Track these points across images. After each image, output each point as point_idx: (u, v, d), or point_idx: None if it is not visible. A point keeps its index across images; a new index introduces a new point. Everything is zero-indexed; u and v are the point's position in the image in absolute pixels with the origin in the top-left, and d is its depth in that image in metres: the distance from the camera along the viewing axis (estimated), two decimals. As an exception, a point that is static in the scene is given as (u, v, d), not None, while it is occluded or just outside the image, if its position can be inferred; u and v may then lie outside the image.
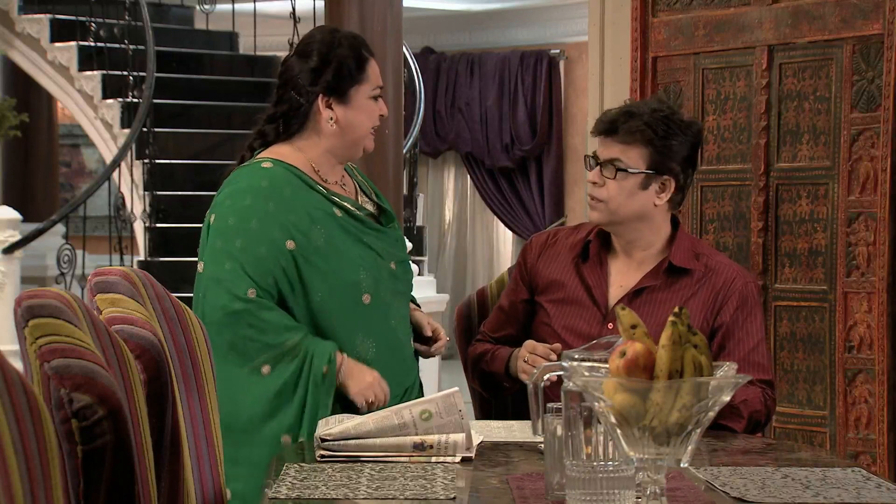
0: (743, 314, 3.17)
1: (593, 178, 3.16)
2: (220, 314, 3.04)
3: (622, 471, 2.08)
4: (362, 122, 3.20)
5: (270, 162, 3.16)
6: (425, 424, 2.63)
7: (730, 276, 3.20)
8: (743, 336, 3.17)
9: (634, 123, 3.12)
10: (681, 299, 3.15)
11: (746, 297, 3.19)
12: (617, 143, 3.14)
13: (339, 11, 6.28)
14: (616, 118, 3.15)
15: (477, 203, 11.92)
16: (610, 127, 3.14)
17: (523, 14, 11.31)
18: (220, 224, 3.12)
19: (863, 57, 4.11)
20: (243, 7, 9.61)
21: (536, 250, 3.34)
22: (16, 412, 1.66)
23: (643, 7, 4.61)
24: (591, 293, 3.21)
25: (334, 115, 3.18)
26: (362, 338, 3.13)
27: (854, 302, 4.12)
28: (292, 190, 3.12)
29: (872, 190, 4.08)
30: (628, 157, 3.13)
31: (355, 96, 3.18)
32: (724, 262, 3.25)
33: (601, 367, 2.00)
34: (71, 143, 13.13)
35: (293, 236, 3.09)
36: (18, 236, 7.47)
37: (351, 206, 3.19)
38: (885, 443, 4.05)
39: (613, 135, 3.14)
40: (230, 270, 3.06)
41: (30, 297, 2.07)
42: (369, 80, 3.20)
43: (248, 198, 3.11)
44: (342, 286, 3.10)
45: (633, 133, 3.12)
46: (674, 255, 3.19)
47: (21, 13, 9.08)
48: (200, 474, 2.63)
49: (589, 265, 3.24)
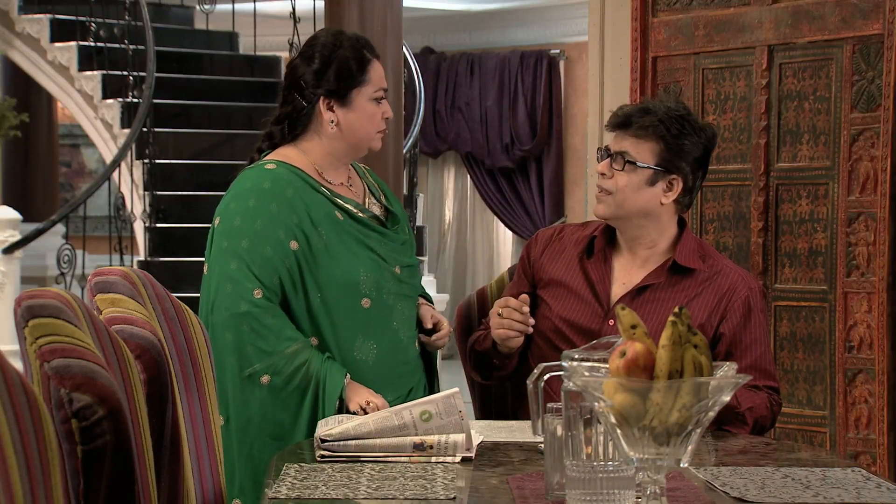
0: (750, 321, 3.17)
1: (602, 168, 3.17)
2: (226, 314, 3.05)
3: (622, 471, 2.08)
4: (363, 125, 3.20)
5: (274, 164, 3.18)
6: (425, 425, 2.63)
7: (735, 281, 3.19)
8: (750, 343, 3.18)
9: (649, 119, 3.13)
10: (684, 299, 3.15)
11: (752, 304, 3.19)
12: (629, 137, 3.15)
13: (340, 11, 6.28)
14: (631, 112, 3.17)
15: (477, 203, 11.92)
16: (624, 121, 3.16)
17: (523, 14, 11.31)
18: (225, 225, 3.13)
19: (863, 57, 4.11)
20: (243, 7, 9.61)
21: (542, 244, 3.34)
22: (16, 412, 1.66)
23: (643, 7, 4.61)
24: (593, 289, 3.21)
25: (335, 117, 3.18)
26: (362, 340, 3.13)
27: (854, 302, 4.12)
28: (294, 191, 3.13)
29: (872, 190, 4.08)
30: (638, 150, 3.14)
31: (356, 98, 3.19)
32: (729, 266, 3.25)
33: (601, 367, 2.00)
34: (71, 143, 13.13)
35: (296, 237, 3.10)
36: (18, 236, 7.48)
37: (353, 209, 3.19)
38: (885, 443, 4.05)
39: (627, 128, 3.15)
40: (237, 270, 3.07)
41: (30, 297, 2.07)
42: (371, 82, 3.20)
43: (252, 199, 3.13)
44: (341, 288, 3.11)
45: (647, 128, 3.13)
46: (678, 254, 3.19)
47: (21, 13, 9.08)
48: (200, 474, 2.63)
49: (593, 261, 3.24)
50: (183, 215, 7.84)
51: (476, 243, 12.03)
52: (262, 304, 3.05)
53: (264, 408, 3.06)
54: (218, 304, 3.08)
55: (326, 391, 3.04)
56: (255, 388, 3.04)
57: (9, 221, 7.50)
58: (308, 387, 3.05)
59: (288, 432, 3.06)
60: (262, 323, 3.05)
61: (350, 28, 5.77)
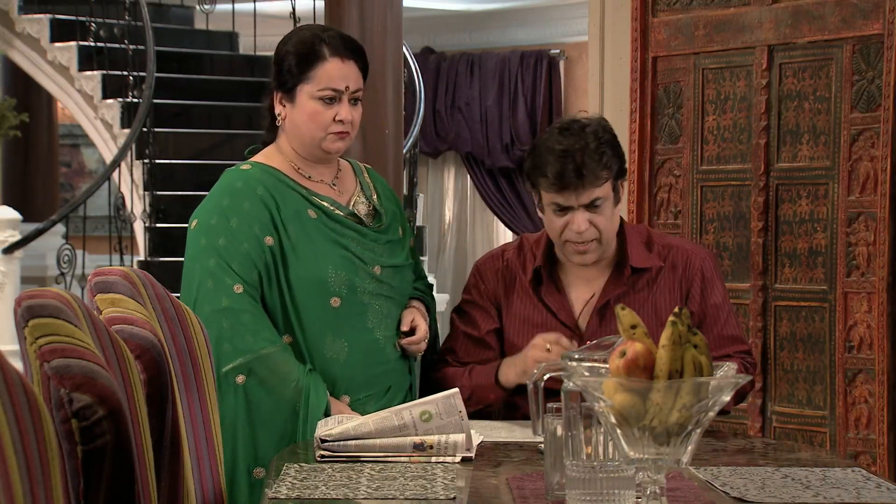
0: (707, 292, 3.20)
1: (582, 226, 3.08)
2: (208, 310, 3.05)
3: (622, 471, 2.08)
4: (303, 123, 3.14)
5: (250, 164, 3.21)
6: (425, 425, 2.63)
7: (686, 258, 3.21)
8: (712, 313, 3.21)
9: (592, 164, 3.04)
10: (648, 296, 3.16)
11: (706, 275, 3.21)
12: (589, 189, 3.07)
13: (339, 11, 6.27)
14: (578, 165, 3.04)
15: (477, 203, 11.92)
16: (577, 175, 3.05)
17: (523, 14, 11.30)
18: (202, 224, 3.15)
19: (863, 57, 4.11)
20: (243, 7, 9.61)
21: (492, 276, 3.28)
22: (16, 412, 1.66)
23: (643, 7, 4.61)
24: (557, 316, 3.19)
25: (283, 112, 3.18)
26: (332, 338, 3.12)
27: (854, 302, 4.12)
28: (265, 189, 3.14)
29: (872, 190, 4.08)
30: (603, 188, 3.09)
31: (299, 95, 3.14)
32: (674, 243, 3.26)
33: (601, 367, 2.00)
34: (71, 143, 13.13)
35: (270, 233, 3.11)
36: (18, 236, 7.48)
37: (330, 206, 3.18)
38: (885, 443, 4.05)
39: (581, 183, 3.06)
40: (216, 266, 3.08)
41: (30, 297, 2.07)
42: (314, 80, 3.12)
43: (227, 198, 3.15)
44: (308, 286, 3.10)
45: (598, 166, 3.06)
46: (633, 258, 3.18)
47: (21, 13, 9.08)
48: (200, 474, 2.63)
49: (545, 289, 3.21)
50: (183, 215, 7.77)
51: (476, 243, 12.03)
52: (242, 299, 3.06)
53: (238, 407, 3.05)
54: (200, 300, 3.08)
55: (310, 408, 3.03)
56: (230, 386, 3.04)
57: (9, 221, 7.49)
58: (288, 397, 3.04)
59: (260, 435, 3.05)
60: (241, 320, 3.05)
61: (350, 28, 5.77)
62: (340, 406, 3.08)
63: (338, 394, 3.11)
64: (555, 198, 3.09)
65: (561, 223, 3.11)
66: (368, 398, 3.12)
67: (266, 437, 3.05)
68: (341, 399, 3.11)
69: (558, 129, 3.12)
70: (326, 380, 3.09)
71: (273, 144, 3.24)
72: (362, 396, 3.13)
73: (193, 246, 3.15)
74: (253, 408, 3.05)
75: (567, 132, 3.10)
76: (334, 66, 3.13)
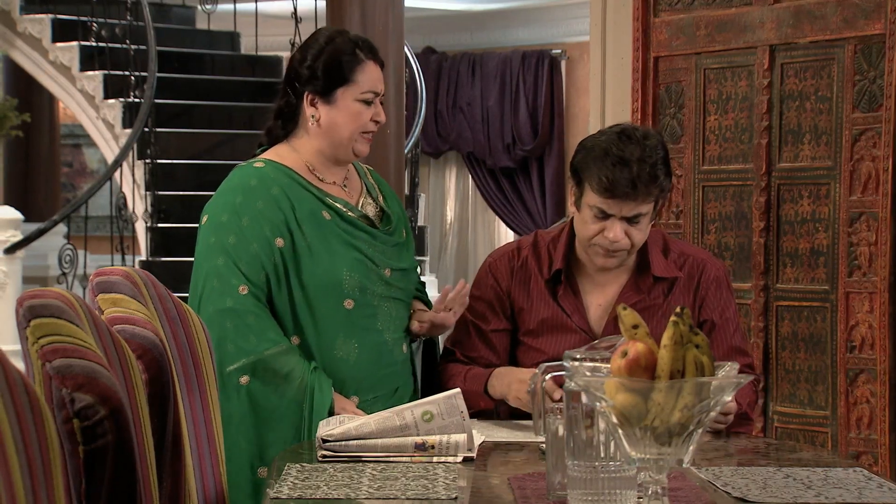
0: (721, 303, 3.20)
1: (618, 236, 3.04)
2: (212, 310, 3.05)
3: (624, 471, 2.08)
4: (345, 124, 3.17)
5: (263, 162, 3.19)
6: (427, 425, 2.63)
7: (701, 268, 3.20)
8: (724, 325, 3.20)
9: (646, 178, 2.97)
10: (664, 307, 3.14)
11: (721, 285, 3.21)
12: (635, 201, 3.01)
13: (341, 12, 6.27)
14: (633, 178, 2.97)
15: (478, 203, 11.92)
16: (631, 189, 2.99)
17: (525, 14, 11.30)
18: (212, 221, 3.14)
19: (864, 57, 4.11)
20: (245, 7, 9.62)
21: (507, 274, 3.25)
22: (17, 412, 1.66)
23: (645, 7, 4.61)
24: (573, 319, 3.17)
25: (317, 114, 3.18)
26: (343, 339, 3.12)
27: (856, 302, 4.12)
28: (280, 189, 3.13)
29: (874, 190, 4.08)
30: (648, 206, 3.04)
31: (341, 98, 3.16)
32: (689, 252, 3.25)
33: (603, 367, 2.00)
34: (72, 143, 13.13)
35: (282, 234, 3.11)
36: (20, 236, 7.48)
37: (343, 208, 3.18)
38: (886, 443, 4.05)
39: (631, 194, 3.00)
40: (223, 265, 3.08)
41: (31, 297, 2.07)
42: (357, 83, 3.16)
43: (240, 196, 3.14)
44: (323, 287, 3.10)
45: (651, 188, 3.00)
46: (655, 267, 3.16)
47: (23, 13, 9.08)
48: (202, 474, 2.63)
49: (563, 292, 3.19)
50: (184, 215, 7.83)
51: (478, 243, 12.03)
52: (246, 301, 3.06)
53: (242, 407, 3.05)
54: (204, 299, 3.08)
55: (315, 405, 3.04)
56: (233, 387, 3.04)
57: (10, 221, 7.50)
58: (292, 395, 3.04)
59: (265, 435, 3.06)
60: (245, 321, 3.05)
61: (352, 28, 5.76)
62: (345, 402, 3.08)
63: (346, 395, 3.12)
64: (599, 202, 3.02)
65: (596, 228, 3.06)
66: (376, 399, 3.12)
67: (272, 437, 3.05)
68: (350, 400, 3.12)
69: (618, 133, 3.04)
70: (335, 381, 3.09)
71: (285, 143, 3.23)
72: (370, 398, 3.13)
73: (203, 242, 3.15)
74: (257, 408, 3.05)
75: (627, 139, 3.01)
76: (371, 69, 3.19)
